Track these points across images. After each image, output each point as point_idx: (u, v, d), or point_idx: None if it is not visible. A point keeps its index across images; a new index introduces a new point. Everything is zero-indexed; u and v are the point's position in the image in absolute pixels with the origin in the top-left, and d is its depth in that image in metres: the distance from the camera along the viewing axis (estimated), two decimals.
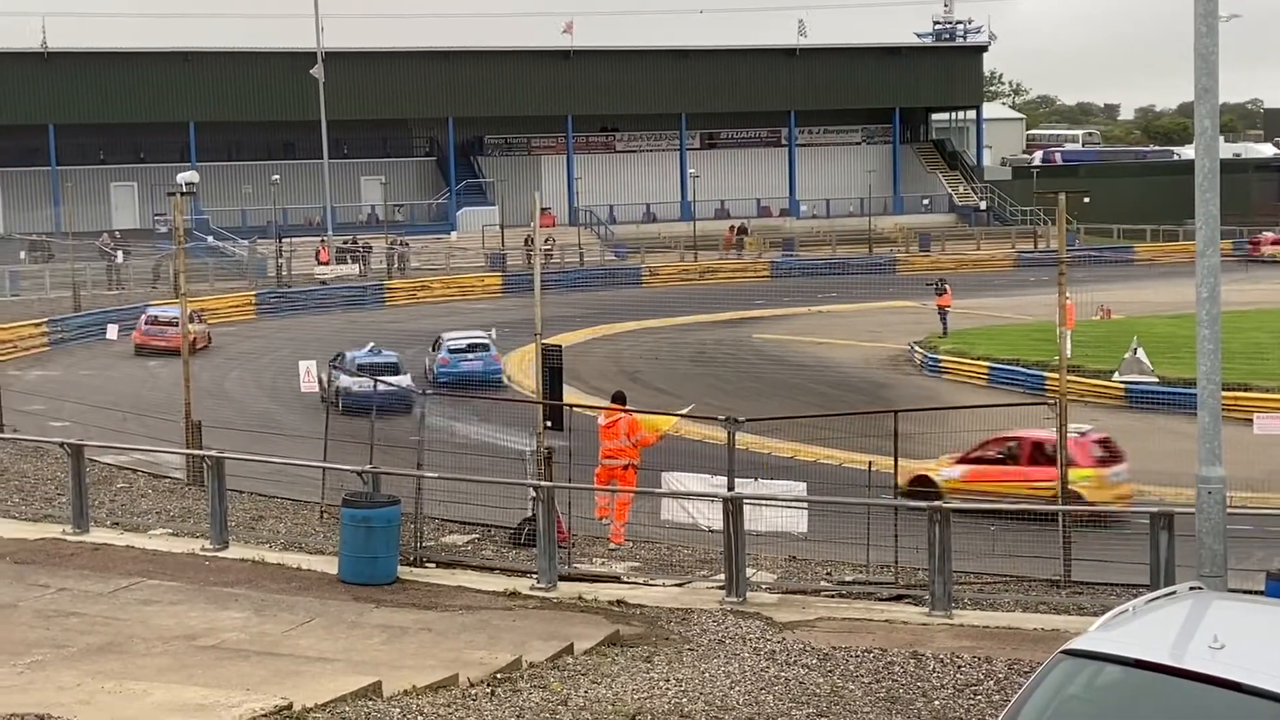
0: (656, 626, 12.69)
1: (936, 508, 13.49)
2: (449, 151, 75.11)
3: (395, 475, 16.11)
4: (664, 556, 16.93)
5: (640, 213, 78.08)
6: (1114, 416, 30.71)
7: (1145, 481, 22.28)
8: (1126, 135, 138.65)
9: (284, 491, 20.14)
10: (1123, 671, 6.16)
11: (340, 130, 69.37)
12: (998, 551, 15.63)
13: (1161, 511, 13.20)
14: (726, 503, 14.31)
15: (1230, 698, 5.84)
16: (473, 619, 12.68)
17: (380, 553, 14.32)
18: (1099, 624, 6.57)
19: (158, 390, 34.39)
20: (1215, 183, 10.51)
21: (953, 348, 39.93)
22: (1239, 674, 5.89)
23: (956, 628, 12.85)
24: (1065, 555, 15.44)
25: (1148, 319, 43.61)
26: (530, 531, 15.81)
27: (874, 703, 10.20)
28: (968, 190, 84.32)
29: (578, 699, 9.91)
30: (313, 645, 11.44)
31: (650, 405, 29.10)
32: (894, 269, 67.94)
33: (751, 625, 12.71)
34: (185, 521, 17.88)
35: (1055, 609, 13.98)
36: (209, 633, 11.76)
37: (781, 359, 41.48)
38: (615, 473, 18.06)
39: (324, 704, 9.32)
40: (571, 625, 12.48)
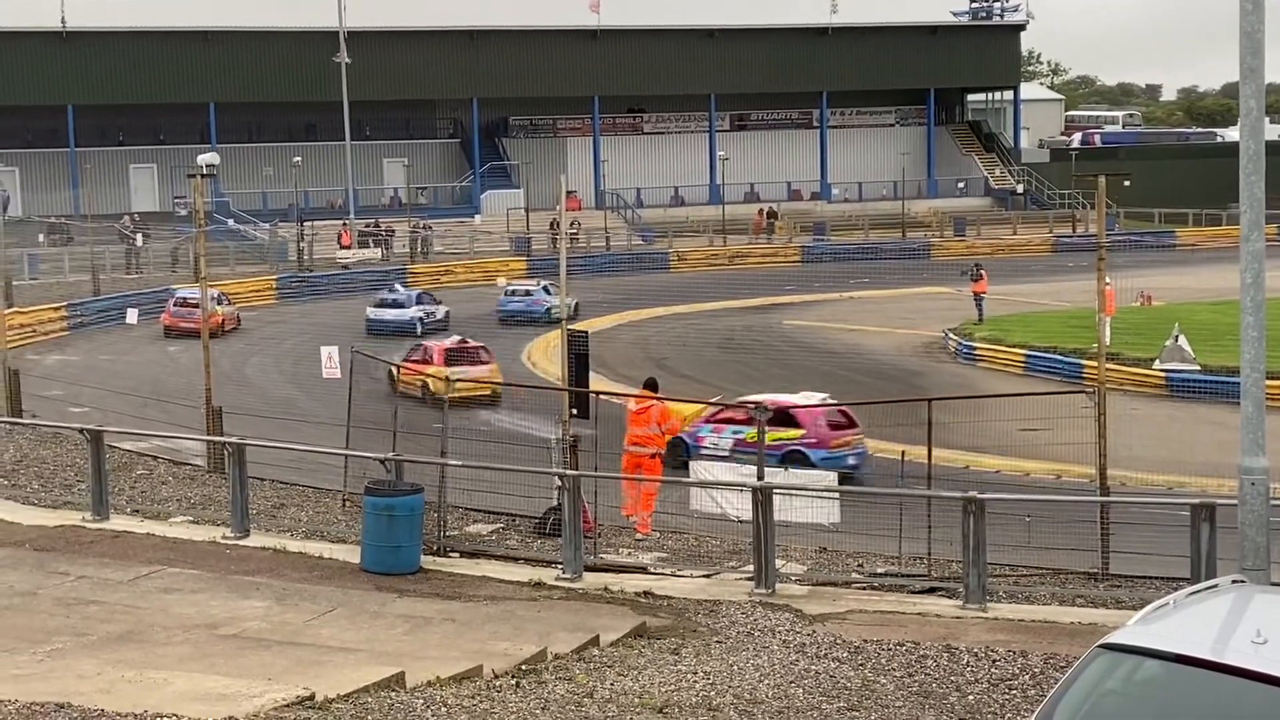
0: (684, 618, 12.71)
1: (971, 498, 13.46)
2: (473, 133, 75.17)
3: (419, 463, 16.16)
4: (692, 547, 16.96)
5: (668, 196, 78.00)
6: (1155, 405, 30.58)
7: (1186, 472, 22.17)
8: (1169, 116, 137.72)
9: (306, 479, 20.23)
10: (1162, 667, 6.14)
11: (363, 111, 69.49)
12: (1034, 543, 15.59)
13: (1203, 503, 13.14)
14: (756, 492, 14.31)
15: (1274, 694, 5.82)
16: (497, 609, 12.73)
17: (403, 542, 14.38)
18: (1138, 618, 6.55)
19: (178, 375, 34.58)
20: (1260, 165, 10.44)
21: (988, 335, 39.81)
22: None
23: (991, 621, 12.83)
24: (1103, 547, 15.39)
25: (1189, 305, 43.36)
26: (555, 521, 15.85)
27: (906, 697, 10.20)
28: (1004, 173, 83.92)
29: (604, 691, 9.95)
30: (335, 635, 11.51)
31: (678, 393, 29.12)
32: (928, 254, 67.72)
33: (781, 617, 12.72)
34: (206, 509, 17.98)
35: (1093, 602, 13.95)
36: (230, 621, 11.84)
37: (812, 346, 41.41)
38: (641, 460, 18.09)
39: (347, 694, 9.38)
40: (597, 616, 12.51)
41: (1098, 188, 16.98)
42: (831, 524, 16.28)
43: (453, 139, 78.66)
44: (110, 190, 67.91)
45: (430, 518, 15.69)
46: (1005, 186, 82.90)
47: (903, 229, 73.29)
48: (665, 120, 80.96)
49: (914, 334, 43.77)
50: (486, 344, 34.09)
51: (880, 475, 20.34)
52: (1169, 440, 25.56)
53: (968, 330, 41.19)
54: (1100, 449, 16.49)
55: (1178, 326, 33.37)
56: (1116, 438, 17.97)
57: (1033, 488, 21.31)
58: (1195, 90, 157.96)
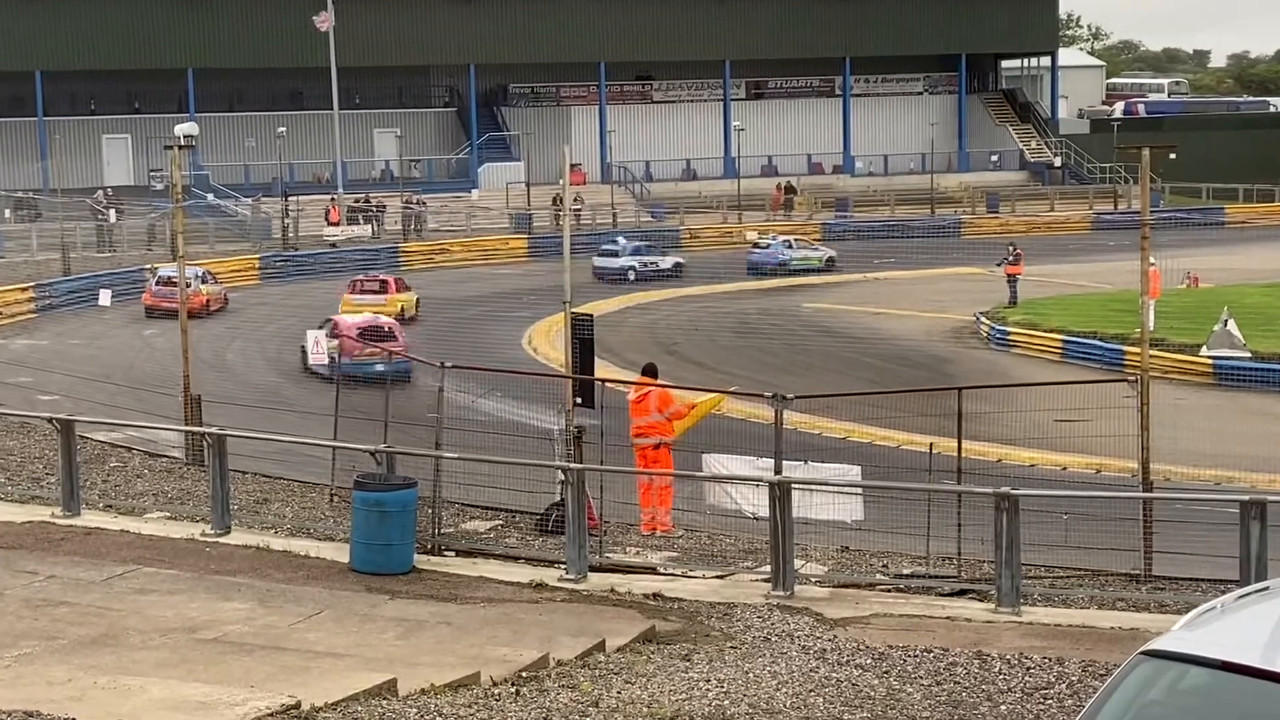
0: (696, 622, 12.73)
1: (1004, 494, 13.46)
2: (470, 102, 75.12)
3: (411, 455, 16.19)
4: (704, 546, 16.98)
5: (679, 169, 77.93)
6: (1201, 395, 30.56)
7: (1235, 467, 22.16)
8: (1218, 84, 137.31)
9: (291, 473, 20.27)
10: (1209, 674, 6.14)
11: (352, 78, 69.47)
12: (1071, 542, 15.59)
13: (1253, 500, 13.13)
14: (773, 487, 14.31)
15: None
16: (495, 612, 12.76)
17: (395, 539, 14.40)
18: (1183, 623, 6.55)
19: (154, 362, 34.64)
20: None
21: (1023, 319, 39.78)
22: None
23: (1025, 626, 12.84)
24: (1146, 547, 15.38)
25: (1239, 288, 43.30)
26: (558, 518, 15.87)
27: (934, 707, 10.22)
28: (1041, 145, 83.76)
29: (610, 700, 9.97)
30: (322, 639, 11.54)
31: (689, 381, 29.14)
32: (959, 232, 67.63)
33: (800, 621, 12.74)
34: (184, 504, 18.02)
35: (1134, 606, 13.95)
36: (210, 625, 11.87)
37: (834, 330, 41.42)
38: (646, 453, 18.08)
39: (334, 703, 9.40)
40: (603, 620, 12.53)
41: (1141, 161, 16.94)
42: (854, 522, 16.29)
43: (448, 108, 78.61)
44: (81, 163, 67.95)
45: (424, 514, 15.71)
46: (1042, 159, 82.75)
47: (931, 205, 73.18)
48: (676, 88, 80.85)
49: (943, 318, 43.74)
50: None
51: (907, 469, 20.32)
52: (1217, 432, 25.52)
53: (1001, 314, 41.16)
54: (1143, 441, 16.47)
55: (1227, 310, 33.31)
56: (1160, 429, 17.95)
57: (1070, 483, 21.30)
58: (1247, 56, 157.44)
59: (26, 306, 44.22)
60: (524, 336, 39.80)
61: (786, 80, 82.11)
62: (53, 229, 53.80)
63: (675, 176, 77.19)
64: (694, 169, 78.14)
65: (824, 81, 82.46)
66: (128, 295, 44.84)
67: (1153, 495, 16.16)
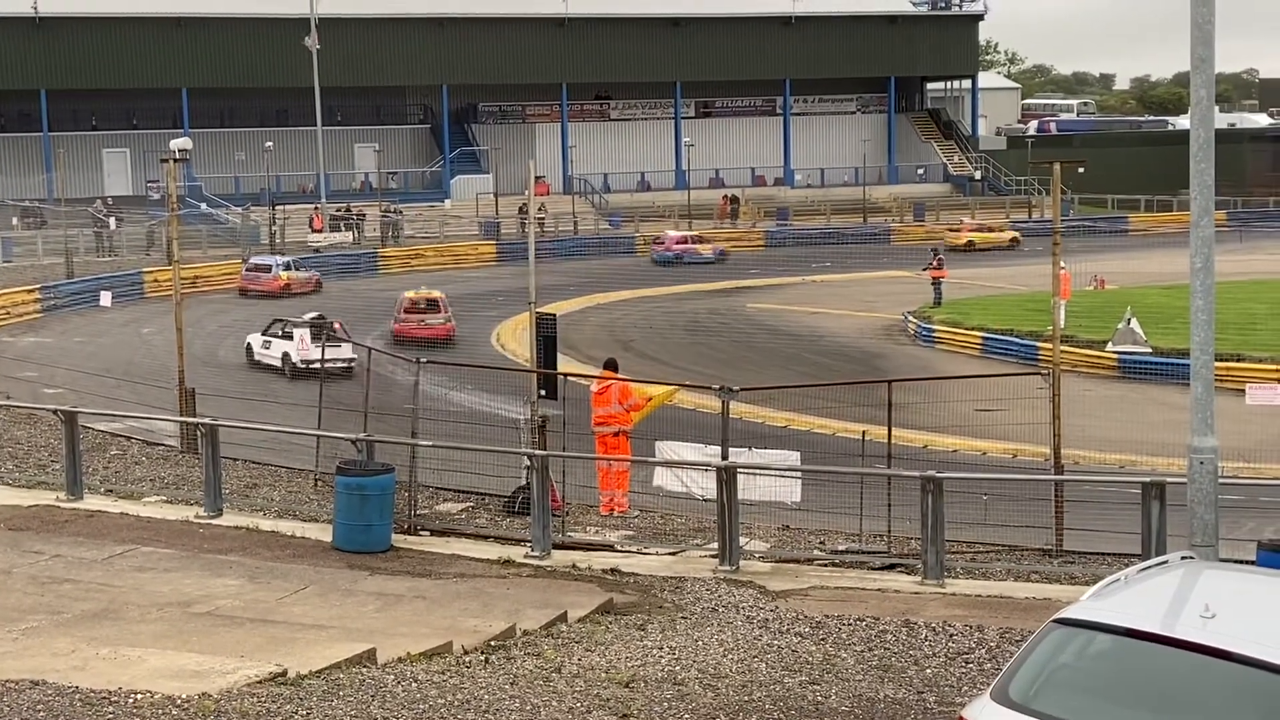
0: (650, 595, 12.73)
1: (930, 477, 13.52)
2: (443, 119, 74.82)
3: (390, 443, 16.11)
4: (658, 525, 16.97)
5: (635, 181, 77.87)
6: (1107, 386, 30.78)
7: (1138, 452, 22.34)
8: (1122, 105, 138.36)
9: (278, 459, 20.14)
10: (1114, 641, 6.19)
11: (334, 97, 69.06)
12: (990, 521, 15.67)
13: (1154, 481, 13.23)
14: (720, 472, 14.33)
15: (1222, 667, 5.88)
16: (467, 587, 12.72)
17: (374, 520, 14.34)
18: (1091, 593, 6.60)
19: (151, 358, 34.34)
20: (1210, 153, 10.50)
21: (947, 318, 39.97)
22: (1230, 643, 5.92)
23: (949, 597, 12.90)
24: (1057, 525, 15.49)
25: (1141, 289, 43.64)
26: (524, 500, 15.83)
27: (866, 671, 10.25)
28: (963, 160, 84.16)
29: (571, 666, 9.95)
30: (307, 613, 11.47)
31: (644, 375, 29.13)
32: (889, 239, 67.89)
33: (745, 594, 12.76)
34: (179, 489, 17.89)
35: (1047, 578, 14.04)
36: (203, 600, 11.78)
37: (775, 328, 41.50)
38: (607, 440, 18.08)
39: (318, 671, 9.35)
40: (565, 594, 12.51)
41: (1053, 174, 17.04)
42: (794, 503, 16.31)
43: (423, 125, 78.27)
44: (83, 174, 67.26)
45: (401, 497, 15.65)
46: (964, 173, 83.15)
47: (864, 214, 73.44)
48: (632, 107, 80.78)
49: (874, 317, 43.89)
50: None
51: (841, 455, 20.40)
52: (1121, 420, 25.71)
53: (926, 313, 41.33)
54: (1055, 429, 16.58)
55: (1130, 310, 33.58)
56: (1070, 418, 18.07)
57: (989, 467, 21.41)
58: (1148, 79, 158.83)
59: (33, 307, 43.77)
60: (493, 334, 39.70)
61: (732, 100, 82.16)
62: (57, 235, 53.24)
63: (631, 188, 77.11)
64: (648, 181, 78.09)
65: (766, 101, 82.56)
66: (127, 296, 44.44)
67: (1063, 478, 16.26)
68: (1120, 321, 33.12)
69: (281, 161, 69.22)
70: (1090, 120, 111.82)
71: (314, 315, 34.55)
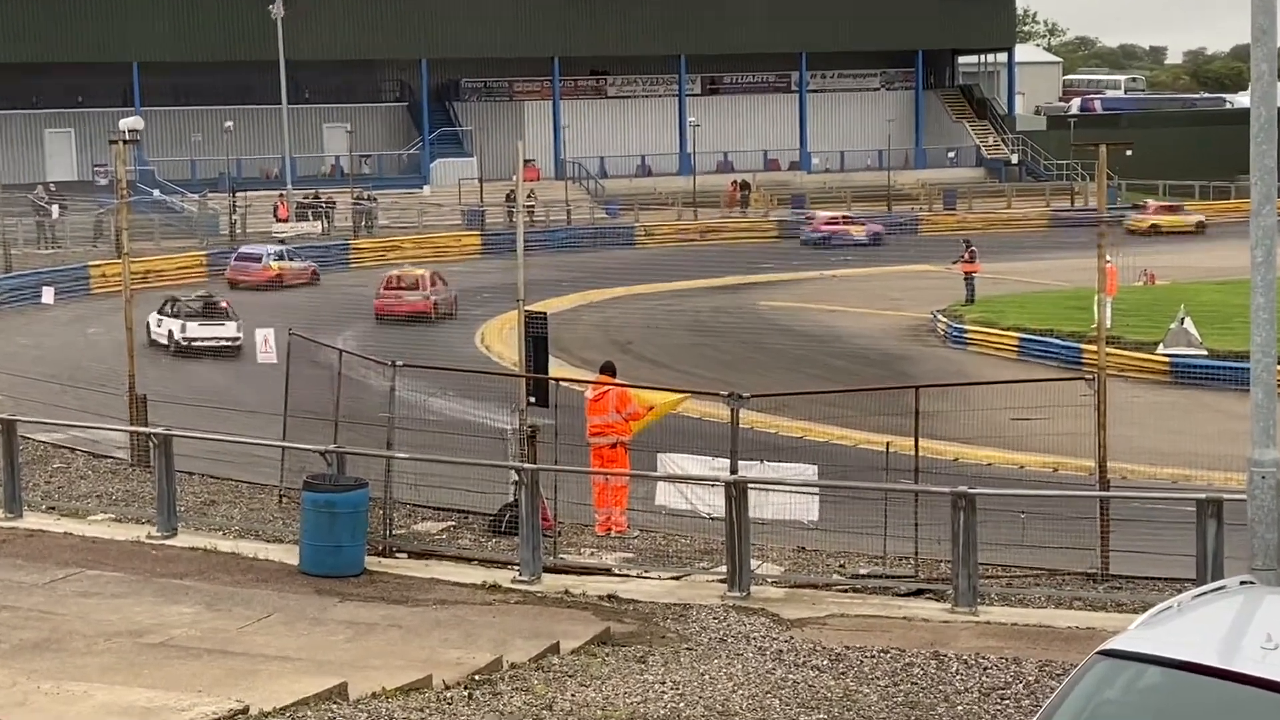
0: (651, 623, 12.74)
1: (961, 493, 13.52)
2: (421, 97, 74.86)
3: (362, 456, 16.12)
4: (659, 547, 16.98)
5: (634, 166, 77.91)
6: (1158, 393, 30.80)
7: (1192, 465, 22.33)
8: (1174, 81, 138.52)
9: (239, 473, 20.15)
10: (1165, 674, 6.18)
11: (301, 72, 69.04)
12: (1028, 541, 15.67)
13: (1209, 498, 13.23)
14: (729, 487, 14.33)
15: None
16: (448, 614, 12.73)
17: (345, 541, 14.35)
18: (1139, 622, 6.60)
19: (99, 360, 34.33)
20: (1273, 134, 10.50)
21: (980, 317, 40.00)
22: None
23: (982, 625, 12.91)
24: (1103, 546, 15.48)
25: (1195, 285, 43.67)
26: (512, 519, 15.83)
27: (891, 708, 10.25)
28: (998, 142, 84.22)
29: (564, 703, 9.96)
30: (271, 643, 11.48)
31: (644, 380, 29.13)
32: (915, 229, 67.91)
33: (756, 622, 12.76)
34: (129, 506, 17.89)
35: (1091, 605, 14.05)
36: (156, 629, 11.79)
37: (790, 329, 41.52)
38: (603, 452, 18.07)
39: (283, 708, 9.35)
40: (557, 622, 12.52)
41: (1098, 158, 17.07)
42: (811, 522, 16.31)
43: (399, 103, 78.31)
44: (23, 157, 67.30)
45: (375, 515, 15.66)
46: (999, 156, 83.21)
47: (888, 202, 73.45)
48: (631, 84, 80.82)
49: (900, 316, 43.91)
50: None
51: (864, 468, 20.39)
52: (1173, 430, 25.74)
53: (957, 312, 41.35)
54: (1100, 440, 16.57)
55: (1183, 308, 33.59)
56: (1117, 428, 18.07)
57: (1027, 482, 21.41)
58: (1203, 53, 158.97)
59: None
60: (477, 334, 39.71)
61: (742, 76, 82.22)
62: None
63: (630, 173, 77.16)
64: (649, 165, 78.13)
65: (780, 77, 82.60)
66: (71, 293, 44.44)
67: (1109, 494, 16.27)
68: (1173, 321, 33.14)
69: (243, 144, 69.20)
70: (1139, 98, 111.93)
71: (202, 294, 38.64)
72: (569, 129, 76.05)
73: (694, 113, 76.90)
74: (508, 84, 78.73)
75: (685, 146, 76.62)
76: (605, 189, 74.45)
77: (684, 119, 77.27)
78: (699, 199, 70.11)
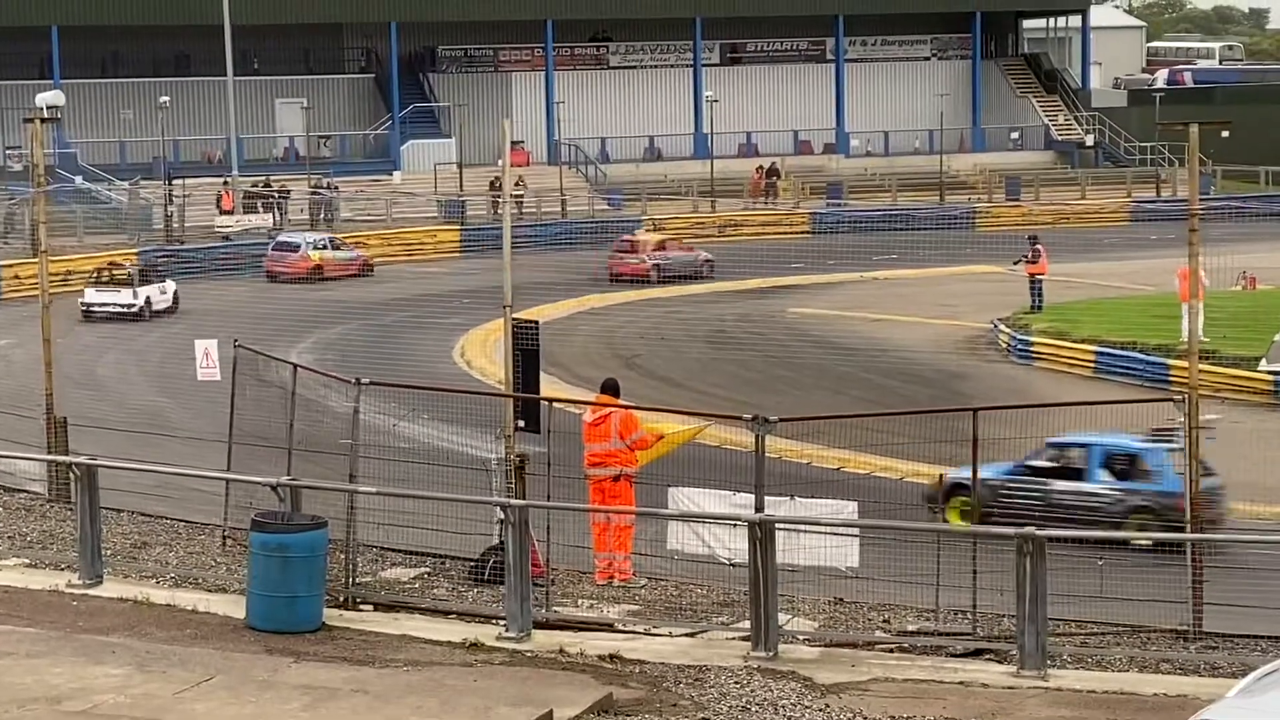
0: (661, 689, 12.74)
1: (1028, 535, 13.51)
2: (391, 67, 74.97)
3: (321, 490, 16.11)
4: (671, 598, 16.97)
5: (641, 148, 78.03)
6: (1261, 417, 30.76)
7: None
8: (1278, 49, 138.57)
9: (175, 510, 20.15)
10: None
11: (249, 39, 69.22)
12: (1107, 593, 15.65)
13: None
14: (753, 528, 14.32)
15: None
16: (421, 678, 12.73)
17: (300, 591, 14.36)
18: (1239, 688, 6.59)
19: (9, 377, 34.43)
20: None
21: (1049, 327, 39.96)
22: None
23: (1052, 693, 12.90)
24: (1195, 598, 15.46)
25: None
26: (496, 564, 15.82)
27: None
28: (1070, 121, 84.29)
29: None
30: (213, 711, 11.49)
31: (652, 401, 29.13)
32: (973, 223, 67.88)
33: (785, 688, 12.75)
34: (46, 549, 17.89)
35: (1181, 668, 14.03)
36: (78, 694, 11.80)
37: (824, 340, 41.50)
38: (604, 486, 18.07)
39: None
40: (550, 687, 12.53)
41: (1189, 140, 17.06)
42: (849, 568, 16.30)
43: (365, 74, 78.47)
44: None
45: (336, 559, 15.65)
46: (1071, 137, 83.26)
47: (940, 191, 73.48)
48: (637, 51, 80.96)
49: (955, 326, 43.89)
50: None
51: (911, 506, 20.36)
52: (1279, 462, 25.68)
53: (1022, 321, 41.33)
54: (1191, 472, 16.57)
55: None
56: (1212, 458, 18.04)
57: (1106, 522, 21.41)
58: None
59: None
60: (455, 347, 39.73)
61: (769, 43, 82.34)
62: None
63: (636, 157, 77.26)
64: (658, 148, 78.23)
65: (813, 44, 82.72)
66: None
67: (1203, 537, 16.24)
68: (1277, 333, 33.10)
69: (181, 122, 69.33)
70: (1237, 69, 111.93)
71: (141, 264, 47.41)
72: (563, 105, 76.13)
73: (711, 86, 76.95)
74: (492, 52, 78.86)
75: (701, 126, 76.69)
76: (607, 176, 74.54)
77: (700, 93, 77.33)
78: (717, 188, 70.16)
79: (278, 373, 26.12)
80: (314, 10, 72.80)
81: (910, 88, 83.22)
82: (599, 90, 79.30)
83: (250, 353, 20.86)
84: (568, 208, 68.86)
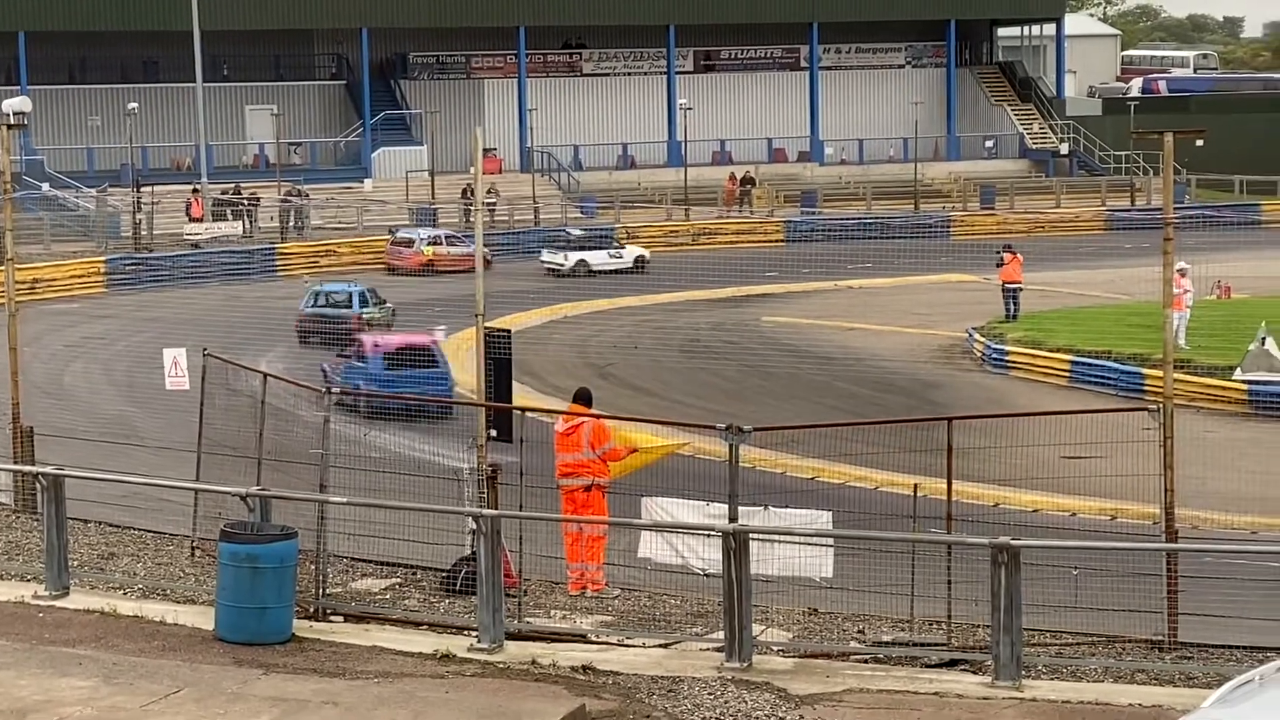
0: (634, 700, 12.75)
1: (1002, 545, 13.54)
2: (362, 74, 74.94)
3: (291, 500, 16.09)
4: (644, 608, 16.97)
5: (615, 156, 78.10)
6: (1236, 426, 30.88)
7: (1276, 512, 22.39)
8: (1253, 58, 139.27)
9: (143, 521, 20.12)
10: None
11: (219, 45, 69.16)
12: (1082, 603, 15.70)
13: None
14: (727, 538, 14.33)
15: None
16: (392, 690, 12.72)
17: (270, 602, 14.33)
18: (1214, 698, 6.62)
19: None
20: None
21: (1023, 336, 40.08)
22: None
23: (1027, 703, 12.93)
24: (1170, 608, 15.50)
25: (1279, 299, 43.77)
26: (468, 575, 15.82)
27: None
28: (1045, 129, 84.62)
29: None
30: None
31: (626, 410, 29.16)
32: (947, 231, 68.14)
33: (759, 699, 12.77)
34: (11, 561, 17.84)
35: (1156, 678, 14.07)
36: (43, 706, 11.78)
37: (799, 349, 41.56)
38: (576, 496, 18.08)
39: None
40: (522, 698, 12.54)
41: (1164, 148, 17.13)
42: (824, 578, 16.32)
43: (336, 80, 78.46)
44: None
45: (306, 570, 15.63)
46: (1046, 146, 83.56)
47: (915, 199, 73.72)
48: (610, 59, 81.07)
49: (929, 334, 44.00)
50: None
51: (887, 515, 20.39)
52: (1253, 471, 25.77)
53: (997, 330, 41.45)
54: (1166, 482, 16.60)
55: (1265, 326, 33.66)
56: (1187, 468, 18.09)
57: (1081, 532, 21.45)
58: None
59: None
60: None
61: (743, 50, 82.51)
62: None
63: (610, 164, 77.34)
64: (632, 156, 78.31)
65: (787, 52, 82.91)
66: None
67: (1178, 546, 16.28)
68: (1252, 342, 33.21)
69: (149, 129, 69.23)
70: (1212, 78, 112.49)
71: None
72: (536, 112, 76.15)
73: (685, 93, 77.12)
74: (464, 59, 78.92)
75: (675, 134, 76.82)
76: (580, 183, 74.62)
77: (673, 101, 77.48)
78: (691, 196, 70.25)
79: (247, 382, 26.09)
80: (284, 16, 72.74)
81: (885, 96, 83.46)
82: (572, 97, 79.40)
83: (220, 361, 20.81)
84: (540, 215, 68.90)
